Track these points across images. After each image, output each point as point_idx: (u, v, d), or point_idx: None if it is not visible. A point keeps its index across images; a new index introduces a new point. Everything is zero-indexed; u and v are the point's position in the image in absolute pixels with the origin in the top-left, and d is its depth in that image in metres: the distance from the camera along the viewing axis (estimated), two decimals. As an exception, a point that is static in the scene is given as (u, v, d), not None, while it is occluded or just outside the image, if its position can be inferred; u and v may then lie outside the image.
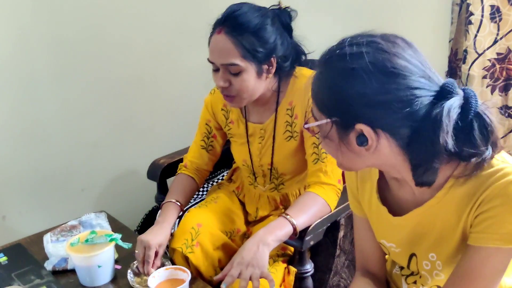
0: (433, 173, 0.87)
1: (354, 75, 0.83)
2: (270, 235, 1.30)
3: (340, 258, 1.53)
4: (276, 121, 1.49)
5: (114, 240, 1.32)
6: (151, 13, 2.03)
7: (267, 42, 1.35)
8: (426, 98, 0.83)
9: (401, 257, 1.05)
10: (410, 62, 0.84)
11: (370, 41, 0.85)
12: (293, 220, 1.34)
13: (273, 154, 1.52)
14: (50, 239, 1.46)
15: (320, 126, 0.91)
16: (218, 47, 1.34)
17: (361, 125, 0.85)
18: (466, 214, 0.90)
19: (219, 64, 1.35)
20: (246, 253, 1.25)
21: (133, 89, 2.07)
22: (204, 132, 1.62)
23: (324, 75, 0.89)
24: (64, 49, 1.87)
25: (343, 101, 0.85)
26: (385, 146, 0.87)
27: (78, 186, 2.04)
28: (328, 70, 0.88)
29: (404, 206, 0.99)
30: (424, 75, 0.84)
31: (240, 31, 1.32)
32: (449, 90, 0.84)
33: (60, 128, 1.93)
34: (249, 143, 1.56)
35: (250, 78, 1.36)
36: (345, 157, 0.91)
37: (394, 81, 0.82)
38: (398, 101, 0.82)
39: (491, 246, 0.87)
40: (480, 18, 1.57)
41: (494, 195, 0.85)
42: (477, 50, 1.60)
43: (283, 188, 1.58)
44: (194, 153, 1.64)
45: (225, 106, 1.57)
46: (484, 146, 0.85)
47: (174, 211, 1.48)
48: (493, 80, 1.61)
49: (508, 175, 0.85)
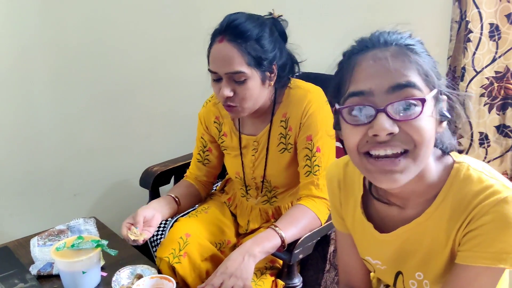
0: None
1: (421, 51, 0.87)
2: (257, 247, 1.28)
3: (330, 274, 1.51)
4: (270, 132, 1.48)
5: (100, 246, 1.30)
6: (149, 22, 2.04)
7: (269, 49, 1.35)
8: None
9: (387, 275, 1.03)
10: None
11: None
12: (282, 233, 1.32)
13: (266, 166, 1.51)
14: (37, 243, 1.46)
15: (425, 102, 0.81)
16: (221, 55, 1.32)
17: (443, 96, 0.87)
18: (455, 232, 0.88)
19: (224, 73, 1.33)
20: (231, 263, 1.24)
21: (129, 97, 2.07)
22: (200, 146, 1.63)
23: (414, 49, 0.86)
24: (61, 54, 1.88)
25: (433, 71, 0.86)
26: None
27: (70, 191, 2.03)
28: (416, 45, 0.88)
29: (390, 223, 0.98)
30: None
31: (244, 39, 1.31)
32: None
33: (55, 132, 1.94)
34: (242, 155, 1.54)
35: (255, 86, 1.35)
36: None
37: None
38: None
39: (480, 265, 0.85)
40: (479, 36, 1.57)
41: (485, 213, 0.84)
42: (476, 68, 1.59)
43: (276, 201, 1.56)
44: (192, 165, 1.66)
45: (218, 119, 1.56)
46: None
47: (166, 200, 1.50)
48: (490, 99, 1.60)
49: (499, 193, 0.84)
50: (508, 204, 0.83)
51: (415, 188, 0.90)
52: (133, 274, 1.32)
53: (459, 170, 0.89)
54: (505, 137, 1.61)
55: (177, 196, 1.52)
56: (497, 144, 1.62)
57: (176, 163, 1.85)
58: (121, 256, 1.39)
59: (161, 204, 1.47)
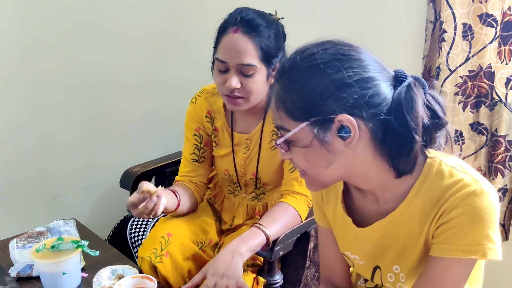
0: (411, 159, 0.88)
1: (319, 69, 0.86)
2: (243, 245, 1.29)
3: (310, 270, 1.53)
4: (263, 130, 1.49)
5: (80, 247, 1.29)
6: (130, 22, 2.03)
7: (277, 47, 1.38)
8: (386, 84, 0.87)
9: (365, 270, 1.05)
10: (367, 54, 0.89)
11: (329, 41, 0.90)
12: (266, 230, 1.34)
13: (258, 163, 1.52)
14: (16, 245, 1.44)
15: (299, 135, 0.88)
16: (236, 46, 1.32)
17: (340, 115, 0.85)
18: (428, 225, 0.91)
19: (235, 64, 1.33)
20: (220, 264, 1.25)
21: (108, 97, 2.06)
22: (194, 144, 1.57)
23: (289, 81, 0.89)
24: (38, 55, 1.86)
25: (315, 97, 0.86)
26: (362, 138, 0.87)
27: (49, 193, 2.01)
28: (293, 74, 0.89)
29: (368, 217, 1.00)
30: (378, 64, 0.90)
31: (257, 33, 1.33)
32: (403, 75, 0.89)
33: (33, 133, 1.91)
34: (234, 153, 1.55)
35: (261, 80, 1.36)
36: (331, 164, 0.89)
37: (354, 64, 0.86)
38: (362, 81, 0.85)
39: (451, 257, 0.87)
40: (453, 36, 1.60)
41: (455, 206, 0.86)
42: (450, 67, 1.62)
43: (264, 198, 1.58)
44: (185, 167, 1.58)
45: (209, 113, 1.56)
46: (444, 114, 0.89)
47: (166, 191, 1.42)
48: (465, 97, 1.64)
49: (469, 186, 0.86)
50: (477, 196, 0.85)
51: (385, 182, 0.93)
52: (114, 275, 1.31)
53: (432, 165, 0.91)
54: (479, 134, 1.65)
55: (176, 191, 1.46)
56: (471, 141, 1.66)
57: (157, 163, 1.85)
58: (102, 256, 1.38)
59: (162, 191, 1.38)
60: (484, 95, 1.63)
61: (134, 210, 1.26)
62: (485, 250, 0.86)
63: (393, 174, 0.91)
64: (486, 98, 1.63)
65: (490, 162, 1.65)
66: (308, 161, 0.90)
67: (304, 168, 0.92)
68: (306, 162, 0.90)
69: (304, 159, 0.90)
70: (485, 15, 1.55)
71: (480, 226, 0.85)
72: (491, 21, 1.55)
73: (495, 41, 1.57)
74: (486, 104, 1.63)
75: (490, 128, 1.64)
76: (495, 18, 1.54)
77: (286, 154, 0.93)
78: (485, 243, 0.85)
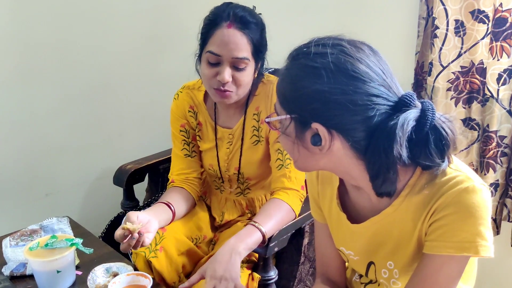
0: (391, 183, 0.88)
1: (315, 73, 0.85)
2: (241, 244, 1.30)
3: (305, 266, 1.53)
4: (244, 124, 1.50)
5: (75, 245, 1.29)
6: (120, 19, 2.02)
7: (264, 42, 1.42)
8: (383, 108, 0.84)
9: (360, 265, 1.06)
10: (372, 69, 0.85)
11: (336, 43, 0.87)
12: (262, 228, 1.34)
13: (241, 158, 1.52)
14: (9, 243, 1.43)
15: (281, 121, 0.92)
16: (231, 40, 1.35)
17: (317, 124, 0.86)
18: (421, 222, 0.91)
19: (230, 58, 1.35)
20: (218, 266, 1.25)
21: (100, 94, 2.05)
22: (183, 140, 1.57)
23: (288, 71, 0.90)
24: (31, 50, 1.84)
25: (302, 97, 0.86)
26: (338, 148, 0.88)
27: (42, 190, 2.00)
28: (293, 65, 0.90)
29: (363, 214, 1.00)
30: (384, 84, 0.85)
31: (250, 29, 1.36)
32: (407, 102, 0.85)
33: (25, 129, 1.90)
34: (217, 147, 1.55)
35: (250, 74, 1.40)
36: (300, 154, 0.92)
37: (352, 83, 0.83)
38: (354, 104, 0.83)
39: (445, 254, 0.88)
40: (445, 32, 1.60)
41: (447, 204, 0.87)
42: (442, 63, 1.63)
43: (249, 193, 1.59)
44: (178, 165, 1.57)
45: (192, 108, 1.56)
46: (439, 158, 0.86)
47: (159, 207, 1.43)
48: (457, 93, 1.65)
49: (461, 183, 0.87)
50: (469, 193, 0.86)
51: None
52: (109, 272, 1.31)
53: None
54: (471, 129, 1.66)
55: (170, 202, 1.45)
56: (463, 137, 1.67)
57: (150, 160, 1.84)
58: (96, 254, 1.38)
59: (154, 211, 1.40)
60: (476, 91, 1.64)
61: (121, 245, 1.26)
62: (477, 248, 0.86)
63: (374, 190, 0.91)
64: (478, 94, 1.64)
65: (482, 157, 1.67)
66: (287, 147, 0.94)
67: (287, 151, 0.96)
68: (286, 146, 0.94)
69: (285, 144, 0.94)
70: (477, 11, 1.56)
71: (472, 223, 0.86)
72: (483, 17, 1.56)
73: (487, 37, 1.58)
74: (478, 99, 1.64)
75: (482, 124, 1.66)
76: (487, 14, 1.55)
77: (275, 131, 0.98)
78: (477, 240, 0.86)
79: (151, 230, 1.29)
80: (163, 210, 1.43)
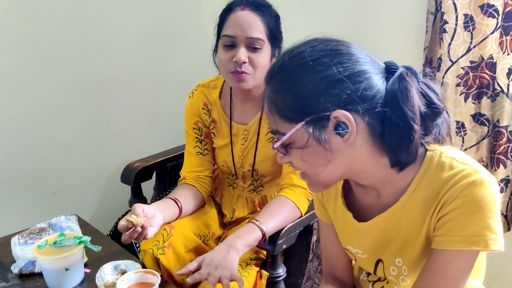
0: (412, 149, 0.88)
1: (309, 67, 0.85)
2: (239, 240, 1.30)
3: (313, 263, 1.52)
4: (261, 120, 1.49)
5: (83, 243, 1.29)
6: (128, 15, 2.02)
7: (279, 30, 1.43)
8: (379, 76, 0.87)
9: (368, 263, 1.05)
10: (356, 48, 0.89)
11: (316, 38, 0.90)
12: (262, 226, 1.34)
13: (256, 154, 1.52)
14: (17, 241, 1.44)
15: (295, 137, 0.87)
16: (245, 20, 1.36)
17: (335, 112, 0.84)
18: (429, 217, 0.90)
19: (244, 37, 1.36)
20: (215, 256, 1.25)
21: (108, 91, 2.05)
22: (196, 137, 1.58)
23: (279, 82, 0.88)
24: (38, 48, 1.84)
25: (308, 96, 0.85)
26: (359, 133, 0.86)
27: (50, 189, 2.00)
28: (283, 74, 0.88)
29: (369, 212, 0.99)
30: (369, 57, 0.89)
31: (265, 12, 1.38)
32: (394, 66, 0.89)
33: (33, 128, 1.90)
34: (232, 144, 1.54)
35: (266, 58, 1.40)
36: (326, 159, 0.87)
37: (343, 59, 0.85)
38: (354, 76, 0.84)
39: (453, 249, 0.87)
40: (454, 27, 1.59)
41: (455, 197, 0.86)
42: (451, 58, 1.61)
43: (262, 190, 1.58)
44: (190, 163, 1.58)
45: (206, 105, 1.56)
46: (440, 101, 0.88)
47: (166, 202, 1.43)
48: (466, 88, 1.63)
49: (468, 177, 0.86)
50: (477, 187, 0.85)
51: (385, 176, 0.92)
52: (117, 270, 1.31)
53: (432, 158, 0.91)
54: (481, 125, 1.64)
55: (177, 198, 1.45)
56: (473, 132, 1.65)
57: (157, 158, 1.84)
58: (104, 252, 1.38)
59: (160, 205, 1.41)
60: (485, 86, 1.62)
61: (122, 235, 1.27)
62: (487, 241, 0.85)
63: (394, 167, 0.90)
64: (488, 89, 1.62)
65: (492, 153, 1.65)
66: (306, 161, 0.89)
67: (303, 169, 0.92)
68: (305, 163, 0.90)
69: (302, 160, 0.89)
70: (486, 5, 1.54)
71: (481, 217, 0.85)
72: (493, 12, 1.54)
73: (497, 31, 1.56)
74: (488, 95, 1.63)
75: (492, 119, 1.64)
76: (496, 8, 1.53)
77: (285, 157, 0.92)
78: (486, 233, 0.85)
79: (154, 225, 1.30)
80: (169, 206, 1.43)
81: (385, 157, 0.89)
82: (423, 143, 0.91)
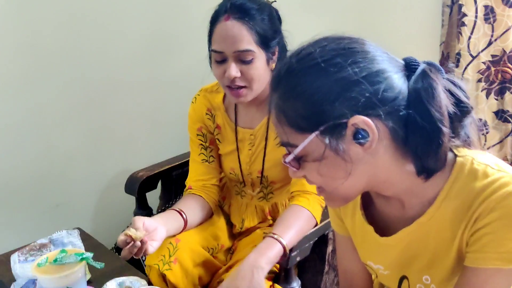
0: (441, 154, 0.80)
1: (320, 69, 0.77)
2: (262, 258, 1.22)
3: (329, 275, 1.47)
4: (268, 123, 1.43)
5: (85, 260, 1.23)
6: (129, 20, 1.98)
7: (273, 29, 1.34)
8: (399, 75, 0.79)
9: (391, 280, 0.97)
10: (371, 45, 0.81)
11: (326, 37, 0.82)
12: (282, 240, 1.27)
13: (264, 160, 1.46)
14: (17, 259, 1.38)
15: (309, 149, 0.79)
16: (230, 33, 1.29)
17: (353, 118, 0.76)
18: (461, 231, 0.82)
19: (231, 52, 1.29)
20: (241, 282, 1.17)
21: (110, 98, 2.01)
22: (200, 144, 1.52)
23: (288, 87, 0.80)
24: (36, 56, 1.80)
25: (321, 101, 0.77)
26: (381, 140, 0.78)
27: (51, 201, 1.95)
28: (291, 79, 0.80)
29: (392, 225, 0.92)
30: (386, 53, 0.81)
31: (250, 17, 1.29)
32: (414, 62, 0.82)
33: (32, 139, 1.86)
34: (238, 150, 1.49)
35: (261, 66, 1.32)
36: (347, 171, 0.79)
37: (358, 57, 0.78)
38: (372, 76, 0.77)
39: (490, 267, 0.79)
40: (474, 19, 1.52)
41: (491, 209, 0.78)
42: (471, 52, 1.55)
43: (272, 197, 1.52)
44: (196, 171, 1.52)
45: (209, 111, 1.52)
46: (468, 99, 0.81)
47: (170, 214, 1.37)
48: (488, 84, 1.56)
49: (506, 186, 0.78)
50: None
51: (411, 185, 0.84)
52: (122, 287, 1.24)
53: (463, 165, 0.82)
54: (504, 122, 1.58)
55: (182, 210, 1.39)
56: (496, 130, 1.59)
57: (162, 167, 1.79)
58: (108, 267, 1.31)
59: (163, 217, 1.34)
60: (508, 81, 1.56)
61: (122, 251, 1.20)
62: None
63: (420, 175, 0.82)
64: (511, 84, 1.55)
65: (517, 151, 1.58)
66: (324, 175, 0.81)
67: (320, 183, 0.84)
68: (322, 176, 0.82)
69: (319, 174, 0.81)
70: (508, -5, 1.47)
71: None
72: (515, 2, 1.47)
73: (520, 22, 1.48)
74: (511, 90, 1.55)
75: (516, 116, 1.57)
76: (518, -3, 1.46)
77: (298, 172, 0.83)
78: None
79: (156, 239, 1.23)
80: (173, 218, 1.37)
81: (410, 164, 0.82)
82: (452, 147, 0.83)
